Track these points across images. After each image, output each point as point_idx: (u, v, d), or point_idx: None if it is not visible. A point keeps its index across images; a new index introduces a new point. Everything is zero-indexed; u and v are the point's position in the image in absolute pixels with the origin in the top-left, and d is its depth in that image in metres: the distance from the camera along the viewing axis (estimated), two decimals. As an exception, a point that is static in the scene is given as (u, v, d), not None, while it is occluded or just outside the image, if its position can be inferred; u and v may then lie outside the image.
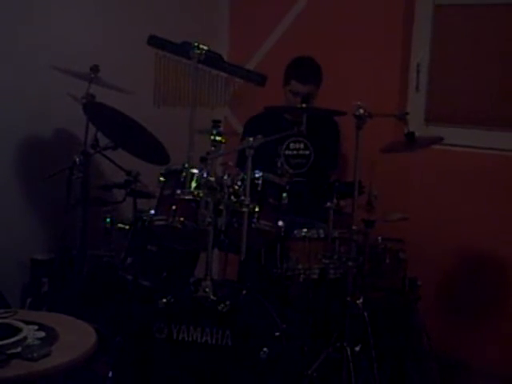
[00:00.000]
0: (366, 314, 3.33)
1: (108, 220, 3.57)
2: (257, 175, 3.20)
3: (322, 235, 3.41)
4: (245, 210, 2.99)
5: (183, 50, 3.29)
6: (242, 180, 3.09)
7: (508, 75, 4.03)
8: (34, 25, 3.78)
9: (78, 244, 3.65)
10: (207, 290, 2.98)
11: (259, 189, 3.19)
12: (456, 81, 4.24)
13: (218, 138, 3.10)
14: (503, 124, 4.07)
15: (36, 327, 2.52)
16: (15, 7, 3.70)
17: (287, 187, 3.32)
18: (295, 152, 3.95)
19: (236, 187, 3.10)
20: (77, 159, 3.55)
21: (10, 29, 3.69)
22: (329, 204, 3.35)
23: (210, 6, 4.82)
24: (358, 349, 3.26)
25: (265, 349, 2.93)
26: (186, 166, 3.14)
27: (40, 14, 3.81)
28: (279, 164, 3.90)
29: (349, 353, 3.21)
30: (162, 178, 3.27)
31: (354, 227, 3.26)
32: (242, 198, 3.02)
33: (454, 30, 4.22)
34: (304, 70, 3.86)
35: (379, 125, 3.31)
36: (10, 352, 2.31)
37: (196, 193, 3.07)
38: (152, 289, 3.42)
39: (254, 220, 3.10)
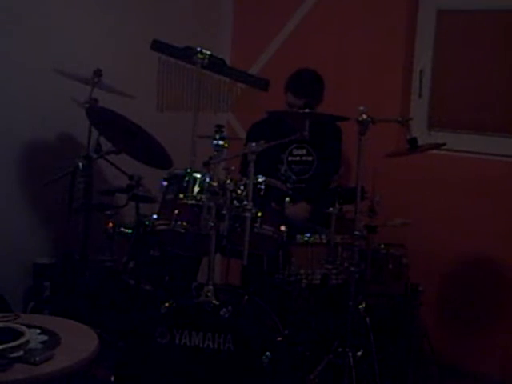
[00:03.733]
0: (367, 319, 3.33)
1: (110, 224, 3.57)
2: (259, 180, 3.20)
3: (325, 240, 3.41)
4: (247, 214, 2.99)
5: (186, 54, 3.30)
6: (245, 185, 3.09)
7: (510, 81, 4.03)
8: (37, 29, 3.78)
9: (80, 248, 3.65)
10: (209, 294, 2.98)
11: (262, 194, 3.19)
12: (459, 87, 4.24)
13: (220, 143, 3.10)
14: (506, 130, 4.07)
15: (38, 331, 2.51)
16: (18, 11, 3.71)
17: (290, 192, 3.33)
18: (298, 158, 3.95)
19: (239, 192, 3.10)
20: (79, 164, 3.55)
21: (12, 32, 3.70)
22: (331, 209, 3.36)
23: (213, 10, 4.83)
24: (359, 354, 3.26)
25: (267, 354, 2.92)
26: (189, 170, 3.14)
27: (43, 17, 3.81)
28: (282, 170, 3.91)
29: (351, 358, 3.20)
30: (164, 183, 3.27)
31: (356, 233, 3.26)
32: (245, 202, 3.02)
33: (456, 36, 4.22)
34: (300, 84, 3.86)
35: (382, 130, 3.31)
36: (12, 356, 2.31)
37: (199, 197, 3.07)
38: (154, 293, 3.42)
39: (257, 225, 3.10)
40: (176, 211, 3.12)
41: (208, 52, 3.27)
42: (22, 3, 3.75)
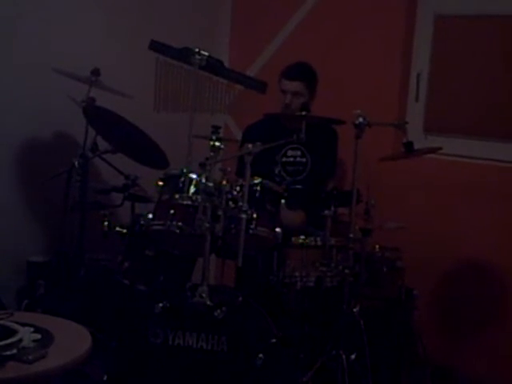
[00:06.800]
0: (361, 322, 3.33)
1: (106, 224, 3.56)
2: (255, 181, 3.20)
3: (319, 243, 3.41)
4: (243, 216, 2.99)
5: (184, 55, 3.30)
6: (241, 186, 3.10)
7: (508, 86, 4.04)
8: (35, 27, 3.78)
9: (75, 247, 3.65)
10: (203, 295, 2.98)
11: (257, 195, 3.19)
12: (455, 91, 4.24)
13: (217, 144, 3.10)
14: (502, 135, 4.07)
15: (32, 329, 2.51)
16: (16, 9, 3.71)
17: (285, 194, 3.33)
18: (292, 159, 3.95)
19: (234, 193, 3.10)
20: (76, 162, 3.55)
21: (10, 31, 3.70)
22: (326, 212, 3.36)
23: (212, 11, 4.83)
24: (353, 357, 3.26)
25: (260, 355, 2.92)
26: (185, 170, 3.14)
27: (41, 16, 3.81)
28: (277, 171, 3.92)
29: (344, 361, 3.21)
30: (160, 183, 3.27)
31: (351, 235, 3.26)
32: (240, 204, 3.02)
33: (454, 41, 4.23)
34: (292, 67, 3.88)
35: (378, 134, 3.32)
36: (5, 354, 2.30)
37: (194, 198, 3.07)
38: (148, 293, 3.42)
39: (252, 226, 3.10)
40: (171, 211, 3.12)
41: (206, 53, 3.27)
42: (21, 2, 3.75)
